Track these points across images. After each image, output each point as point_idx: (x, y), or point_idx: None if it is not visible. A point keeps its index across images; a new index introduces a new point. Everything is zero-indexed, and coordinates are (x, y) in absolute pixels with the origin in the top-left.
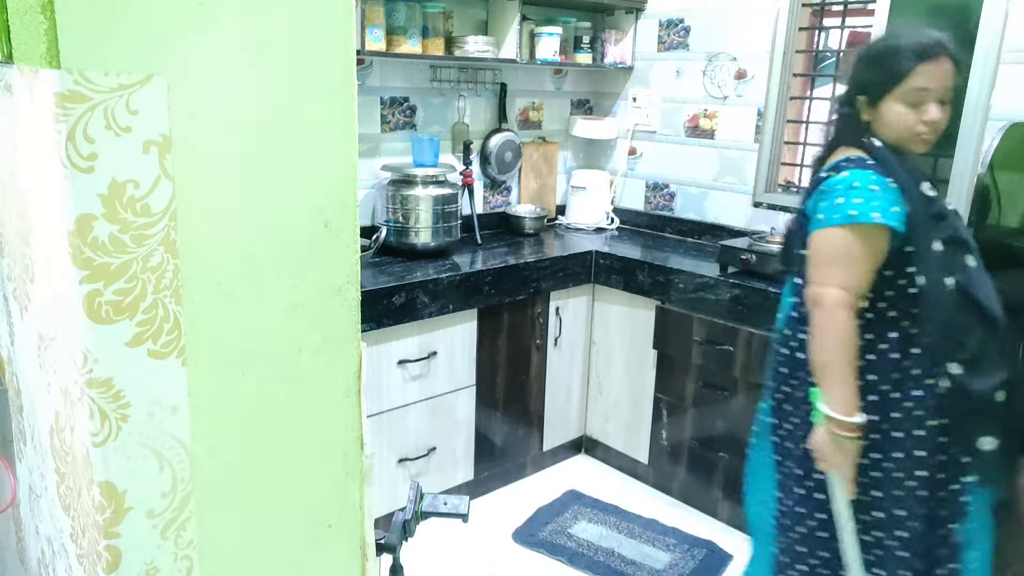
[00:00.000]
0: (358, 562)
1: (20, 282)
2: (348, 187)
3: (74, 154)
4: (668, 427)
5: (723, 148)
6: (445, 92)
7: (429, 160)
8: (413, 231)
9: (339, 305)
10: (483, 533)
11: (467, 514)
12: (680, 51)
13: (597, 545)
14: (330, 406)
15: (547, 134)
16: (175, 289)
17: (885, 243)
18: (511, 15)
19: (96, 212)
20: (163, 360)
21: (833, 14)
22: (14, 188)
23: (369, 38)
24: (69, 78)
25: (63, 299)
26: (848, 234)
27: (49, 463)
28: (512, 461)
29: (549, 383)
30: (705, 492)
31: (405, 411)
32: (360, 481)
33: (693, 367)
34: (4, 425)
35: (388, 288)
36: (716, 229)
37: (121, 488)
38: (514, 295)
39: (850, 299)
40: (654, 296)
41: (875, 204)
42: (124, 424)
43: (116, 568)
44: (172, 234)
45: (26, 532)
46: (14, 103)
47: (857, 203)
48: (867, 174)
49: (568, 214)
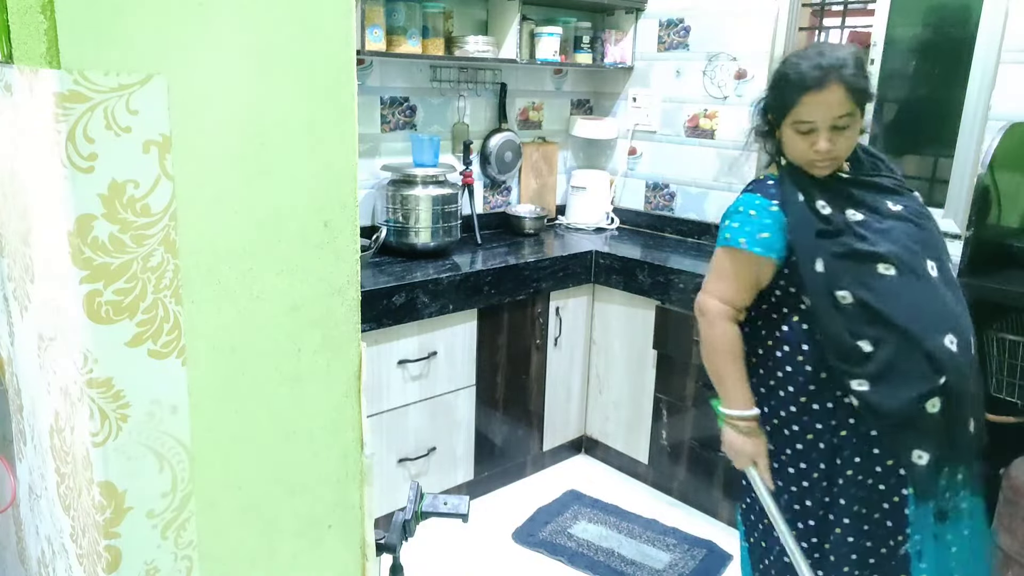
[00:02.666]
0: (358, 562)
1: (20, 282)
2: (348, 187)
3: (74, 154)
4: (668, 427)
5: (723, 148)
6: (445, 92)
7: (429, 160)
8: (413, 231)
9: (339, 305)
10: (483, 533)
11: (467, 514)
12: (680, 51)
13: (597, 545)
14: (330, 406)
15: (547, 134)
16: (175, 289)
17: (758, 265)
18: (511, 15)
19: (96, 212)
20: (163, 360)
21: (833, 14)
22: (14, 188)
23: (369, 38)
24: (69, 78)
25: (63, 299)
26: (724, 255)
27: (49, 463)
28: (512, 461)
29: (549, 383)
30: (705, 492)
31: (405, 411)
32: (360, 481)
33: (693, 367)
34: (4, 425)
35: (388, 288)
36: (716, 229)
37: (121, 488)
38: (514, 295)
39: (730, 311)
40: (654, 296)
41: (746, 230)
42: (124, 424)
43: (116, 568)
44: (172, 234)
45: (26, 532)
46: (14, 103)
47: (734, 228)
48: (752, 198)
49: (568, 214)
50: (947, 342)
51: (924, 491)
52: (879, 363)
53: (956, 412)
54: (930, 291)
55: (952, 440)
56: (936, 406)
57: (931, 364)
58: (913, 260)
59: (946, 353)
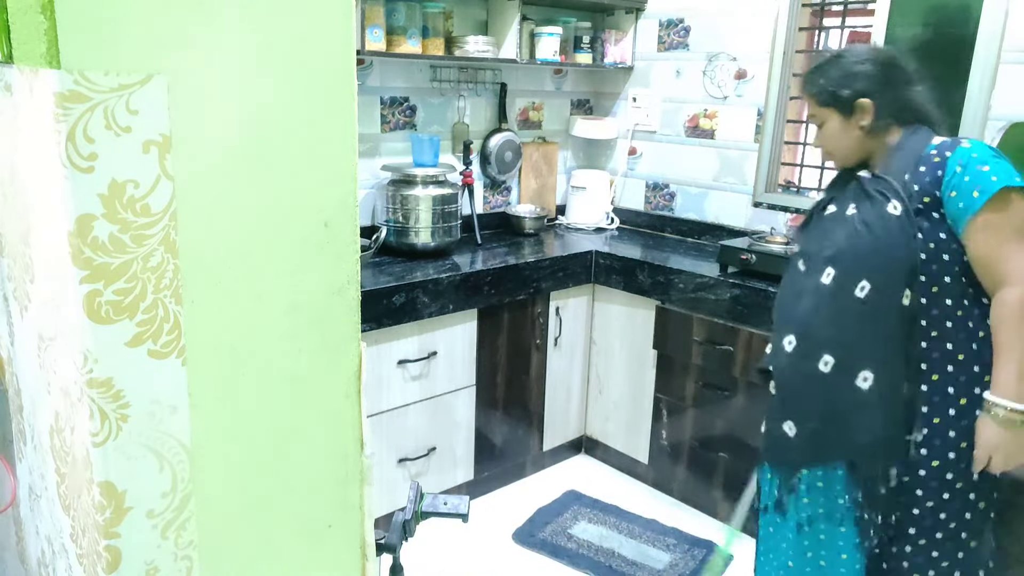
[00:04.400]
0: (358, 562)
1: (20, 282)
2: (348, 187)
3: (74, 154)
4: (668, 427)
5: (723, 148)
6: (445, 92)
7: (429, 160)
8: (413, 231)
9: (339, 305)
10: (483, 533)
11: (467, 514)
12: (680, 51)
13: (597, 545)
14: (330, 406)
15: (547, 134)
16: (175, 289)
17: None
18: (511, 15)
19: (96, 212)
20: (163, 360)
21: (833, 14)
22: (14, 188)
23: (369, 38)
24: (69, 78)
25: (63, 299)
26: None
27: (49, 463)
28: (512, 461)
29: (549, 383)
30: (705, 492)
31: (405, 411)
32: (360, 481)
33: (693, 367)
34: (4, 425)
35: (388, 288)
36: (716, 229)
37: (121, 488)
38: (514, 295)
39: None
40: (654, 296)
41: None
42: (124, 424)
43: (116, 568)
44: (172, 234)
45: (26, 532)
46: (14, 103)
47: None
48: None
49: (568, 214)
50: (785, 342)
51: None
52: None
53: (774, 407)
54: (799, 292)
55: (767, 434)
56: (772, 391)
57: (771, 352)
58: (813, 261)
59: (780, 351)
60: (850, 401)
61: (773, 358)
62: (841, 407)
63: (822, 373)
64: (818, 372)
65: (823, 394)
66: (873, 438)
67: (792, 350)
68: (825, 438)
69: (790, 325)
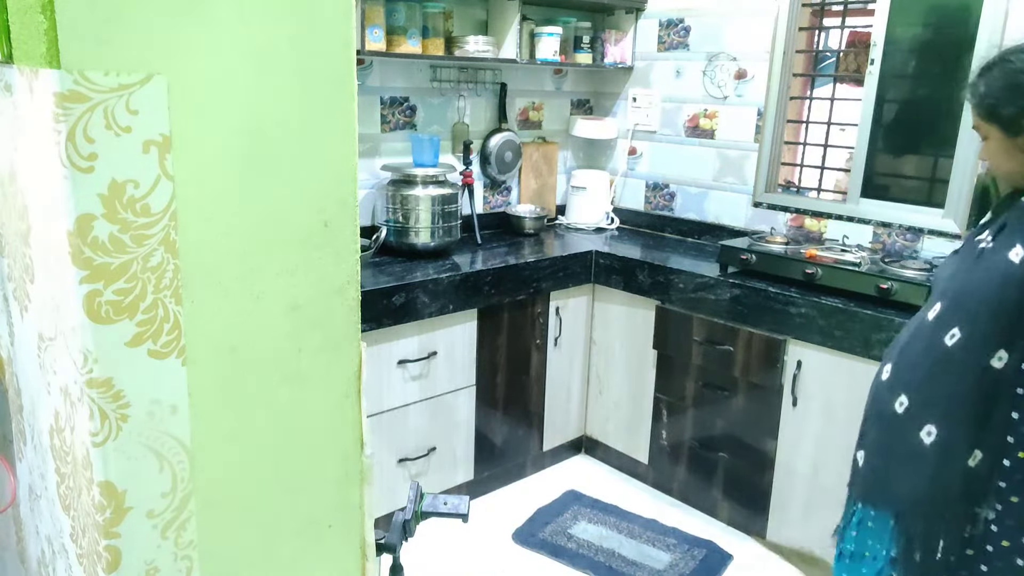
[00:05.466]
0: (358, 562)
1: (20, 282)
2: (348, 187)
3: (74, 154)
4: (668, 427)
5: (723, 148)
6: (445, 92)
7: (429, 160)
8: (413, 231)
9: (339, 305)
10: (483, 533)
11: (467, 514)
12: (680, 51)
13: (597, 545)
14: (330, 406)
15: (547, 134)
16: (175, 289)
17: None
18: (511, 15)
19: (96, 212)
20: (163, 360)
21: (833, 14)
22: (14, 188)
23: (369, 38)
24: (69, 78)
25: (63, 299)
26: None
27: (49, 463)
28: (512, 461)
29: (549, 383)
30: (705, 492)
31: (405, 411)
32: (360, 481)
33: (693, 367)
34: (4, 425)
35: (388, 288)
36: (716, 229)
37: (121, 488)
38: (514, 295)
39: None
40: (654, 296)
41: None
42: (124, 424)
43: (116, 568)
44: (172, 234)
45: (26, 532)
46: (14, 103)
47: None
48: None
49: (568, 214)
50: (884, 368)
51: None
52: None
53: (860, 431)
54: (910, 322)
55: (854, 459)
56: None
57: (875, 375)
58: (934, 290)
59: (878, 376)
60: (909, 450)
61: (875, 380)
62: (900, 452)
63: (895, 412)
64: (892, 410)
65: (890, 434)
66: (916, 496)
67: (884, 380)
68: (877, 479)
69: (891, 353)
